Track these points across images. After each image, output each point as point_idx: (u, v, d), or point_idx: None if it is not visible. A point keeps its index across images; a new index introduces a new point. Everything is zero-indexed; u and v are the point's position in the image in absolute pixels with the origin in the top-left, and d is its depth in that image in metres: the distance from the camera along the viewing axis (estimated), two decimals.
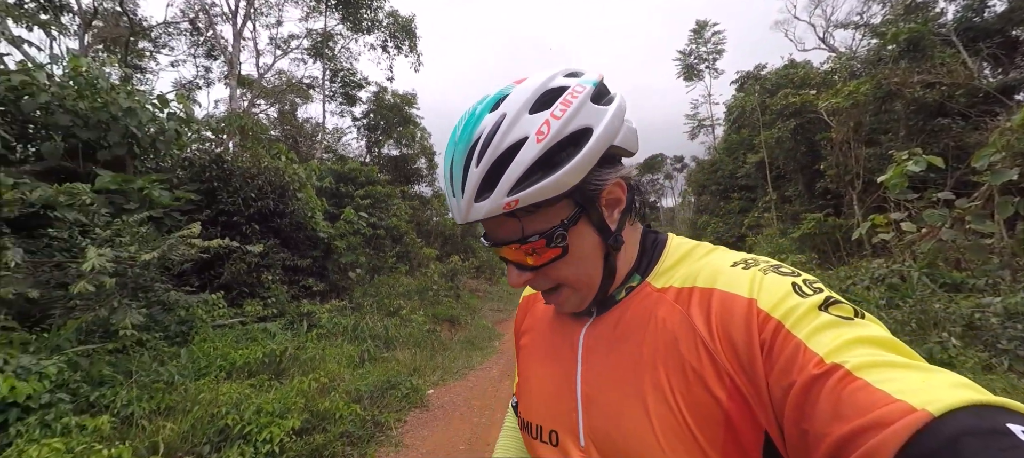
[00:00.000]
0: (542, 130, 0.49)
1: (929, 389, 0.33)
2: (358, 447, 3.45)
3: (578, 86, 0.52)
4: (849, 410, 0.35)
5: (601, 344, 0.57)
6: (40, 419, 2.49)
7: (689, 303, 0.51)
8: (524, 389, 0.67)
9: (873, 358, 0.37)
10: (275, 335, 5.09)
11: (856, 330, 0.40)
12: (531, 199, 0.49)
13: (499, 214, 0.50)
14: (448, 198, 0.54)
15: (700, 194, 24.26)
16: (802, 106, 13.82)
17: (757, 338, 0.43)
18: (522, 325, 0.74)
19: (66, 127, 5.40)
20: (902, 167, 5.51)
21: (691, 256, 0.58)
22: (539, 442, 0.60)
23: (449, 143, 0.54)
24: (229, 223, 6.51)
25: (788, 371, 0.40)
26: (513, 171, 0.48)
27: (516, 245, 0.53)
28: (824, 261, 11.21)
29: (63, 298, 3.79)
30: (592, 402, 0.55)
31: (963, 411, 0.31)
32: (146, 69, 16.71)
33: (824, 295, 0.44)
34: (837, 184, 12.28)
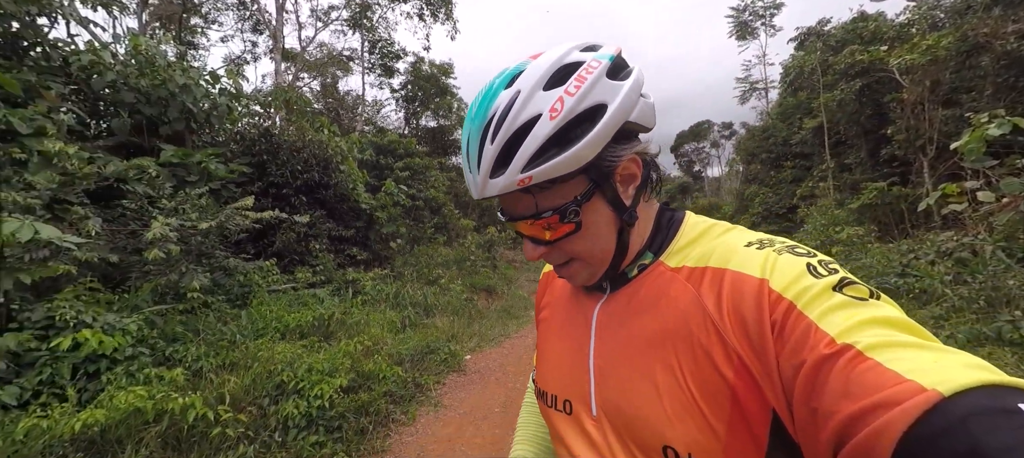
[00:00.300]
0: (556, 107, 0.49)
1: (941, 369, 0.33)
2: (400, 405, 3.67)
3: (594, 61, 0.52)
4: (858, 389, 0.34)
5: (614, 320, 0.59)
6: (125, 369, 2.82)
7: (701, 283, 0.52)
8: (541, 360, 0.70)
9: (885, 338, 0.37)
10: (323, 300, 5.41)
11: (870, 311, 0.40)
12: (545, 175, 0.49)
13: (514, 190, 0.51)
14: (465, 173, 0.55)
15: (749, 163, 22.92)
16: (870, 64, 12.56)
17: (768, 318, 0.44)
18: (542, 300, 0.77)
19: (131, 104, 5.82)
20: (981, 131, 4.94)
21: (707, 235, 0.57)
22: (554, 410, 0.63)
23: (466, 119, 0.55)
24: (278, 195, 6.88)
25: (799, 350, 0.40)
26: (527, 148, 0.49)
27: (531, 220, 0.54)
28: (884, 234, 10.44)
29: (139, 263, 4.18)
30: (604, 375, 0.57)
31: (975, 391, 0.31)
32: (198, 45, 17.51)
33: (839, 276, 0.44)
34: (906, 150, 11.23)
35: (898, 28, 14.46)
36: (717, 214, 27.81)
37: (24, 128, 4.16)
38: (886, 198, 10.78)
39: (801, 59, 18.91)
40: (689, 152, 49.11)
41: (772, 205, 17.07)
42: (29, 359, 2.71)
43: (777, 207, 16.85)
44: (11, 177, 3.85)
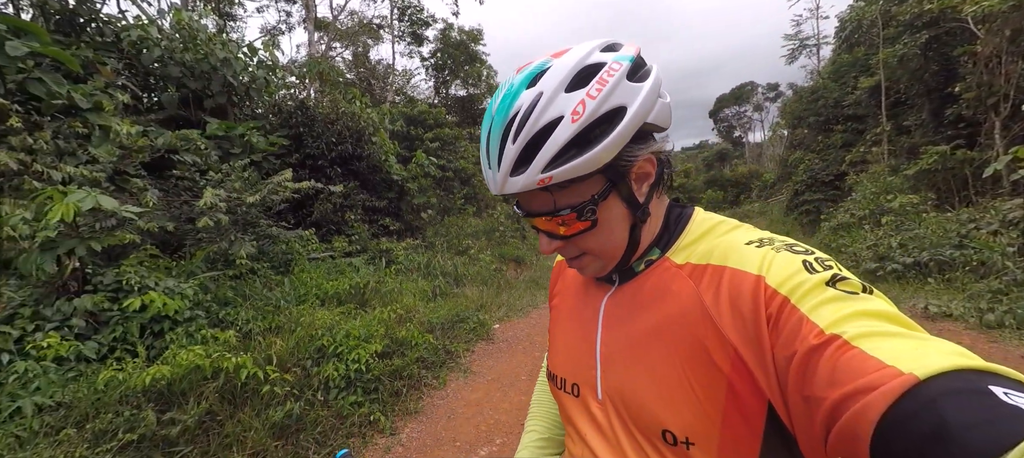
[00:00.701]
0: (578, 110, 0.50)
1: (919, 355, 0.35)
2: (432, 371, 3.87)
3: (615, 63, 0.53)
4: (843, 376, 0.36)
5: (620, 312, 0.62)
6: (185, 330, 3.11)
7: (701, 279, 0.54)
8: (552, 345, 0.74)
9: (871, 329, 0.39)
10: (359, 269, 5.66)
11: (859, 304, 0.42)
12: (564, 176, 0.51)
13: (532, 189, 0.53)
14: (484, 169, 0.58)
15: (795, 127, 21.52)
16: (940, 13, 11.28)
17: (764, 312, 0.46)
18: (554, 287, 0.81)
19: (177, 78, 6.10)
20: None
21: (713, 233, 0.60)
22: (563, 392, 0.68)
23: (487, 114, 0.57)
24: (315, 166, 7.12)
25: (791, 342, 0.42)
26: (548, 150, 0.51)
27: (548, 217, 0.56)
28: (942, 202, 9.70)
29: (192, 231, 4.50)
30: (609, 362, 0.61)
31: (948, 375, 0.32)
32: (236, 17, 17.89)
33: (832, 272, 0.46)
34: (975, 109, 10.21)
35: None
36: (757, 182, 26.62)
37: (84, 103, 4.47)
38: (948, 163, 9.94)
39: (860, 11, 17.24)
40: (729, 117, 46.59)
41: (818, 172, 16.08)
42: (104, 318, 3.03)
43: (823, 174, 15.87)
44: (75, 150, 4.19)
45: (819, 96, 19.25)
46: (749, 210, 22.16)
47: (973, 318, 4.79)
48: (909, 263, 6.96)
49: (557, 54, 0.55)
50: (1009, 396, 0.30)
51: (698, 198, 26.24)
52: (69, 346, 2.68)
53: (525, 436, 0.86)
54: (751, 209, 22.19)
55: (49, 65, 4.58)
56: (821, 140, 18.03)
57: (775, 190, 22.89)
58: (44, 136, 3.89)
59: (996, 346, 4.11)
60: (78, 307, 2.94)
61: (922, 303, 5.51)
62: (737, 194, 28.03)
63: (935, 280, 6.36)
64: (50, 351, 2.58)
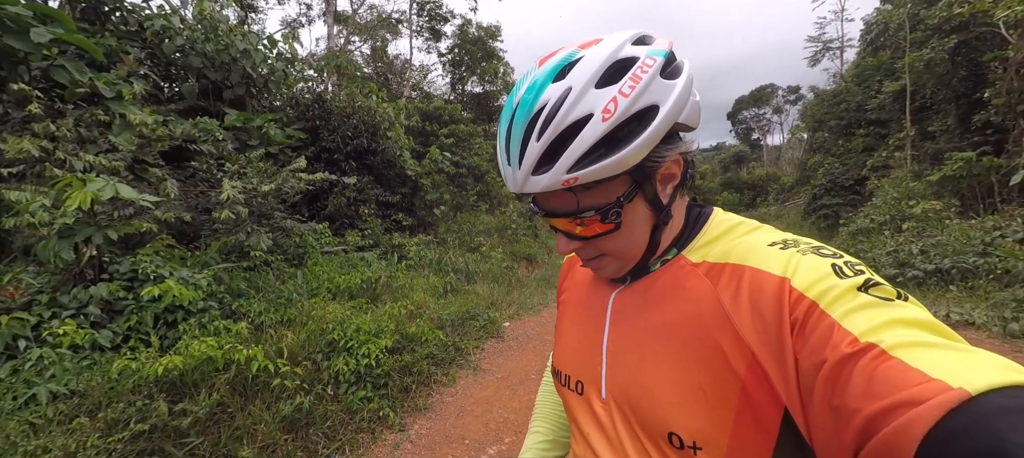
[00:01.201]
0: (609, 108, 0.47)
1: (967, 369, 0.33)
2: (441, 367, 3.85)
3: (648, 58, 0.49)
4: (882, 388, 0.34)
5: (629, 309, 0.60)
6: (198, 321, 3.13)
7: (719, 278, 0.52)
8: (558, 341, 0.73)
9: (910, 338, 0.36)
10: (371, 264, 5.67)
11: (895, 311, 0.39)
12: (591, 177, 0.49)
13: (555, 189, 0.50)
14: (502, 165, 0.54)
15: (815, 130, 21.08)
16: (971, 17, 10.93)
17: (788, 317, 0.43)
18: (562, 284, 0.79)
19: (198, 69, 6.17)
20: None
21: (732, 232, 0.57)
22: (567, 389, 0.66)
23: (506, 108, 0.53)
24: (330, 160, 7.16)
25: (820, 349, 0.40)
26: (575, 149, 0.48)
27: (569, 219, 0.54)
28: (967, 209, 9.43)
29: (210, 222, 4.54)
30: (615, 360, 0.59)
31: (1003, 391, 0.30)
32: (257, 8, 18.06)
33: (865, 277, 0.43)
34: (1004, 116, 9.88)
35: None
36: (774, 185, 26.15)
37: (107, 92, 4.53)
38: (973, 169, 9.65)
39: (887, 14, 16.79)
40: (748, 119, 45.84)
41: (838, 176, 15.71)
42: (119, 307, 3.06)
43: (843, 179, 15.50)
44: (97, 138, 4.25)
45: (841, 99, 18.82)
46: (765, 213, 21.77)
47: (996, 327, 4.68)
48: (930, 270, 6.79)
49: (585, 45, 0.52)
50: None
51: (714, 200, 25.88)
52: (85, 334, 2.71)
53: (529, 437, 0.85)
54: (767, 212, 21.80)
55: (73, 53, 4.65)
56: (842, 144, 17.64)
57: (793, 194, 22.47)
58: (66, 124, 3.95)
59: (1021, 356, 4.00)
60: (94, 295, 2.97)
61: (944, 311, 5.37)
62: (753, 197, 27.58)
63: (957, 287, 6.21)
64: (66, 339, 2.61)
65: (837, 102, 19.03)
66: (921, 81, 13.15)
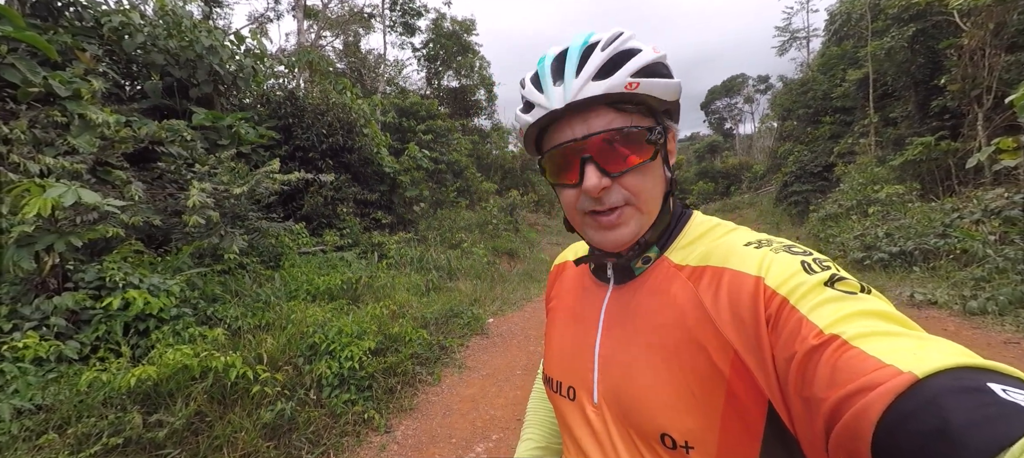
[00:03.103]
0: (655, 48, 0.57)
1: (918, 354, 0.35)
2: (426, 367, 3.83)
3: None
4: (843, 376, 0.36)
5: (620, 313, 0.61)
6: (172, 328, 3.02)
7: (700, 280, 0.54)
8: (549, 347, 0.73)
9: (871, 328, 0.39)
10: (351, 264, 5.58)
11: (858, 304, 0.42)
12: (648, 89, 0.54)
13: (615, 92, 0.53)
14: (544, 90, 0.56)
15: (784, 119, 21.73)
16: (927, 7, 11.41)
17: (763, 313, 0.46)
18: (552, 291, 0.79)
19: (161, 66, 5.90)
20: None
21: (711, 234, 0.60)
22: (558, 396, 0.66)
23: (548, 56, 0.59)
24: (305, 158, 6.99)
25: (791, 342, 0.42)
26: (637, 61, 0.54)
27: (615, 133, 0.54)
28: (927, 192, 9.89)
29: (179, 224, 4.37)
30: (607, 364, 0.60)
31: (948, 372, 0.32)
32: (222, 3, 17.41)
33: (830, 272, 0.46)
34: (959, 101, 10.39)
35: None
36: (747, 173, 26.84)
37: (63, 91, 4.30)
38: (932, 154, 10.13)
39: (849, 4, 17.38)
40: (720, 109, 46.87)
41: (807, 163, 16.25)
42: (86, 317, 2.93)
43: (812, 165, 16.04)
44: (54, 140, 4.03)
45: (808, 88, 19.43)
46: (739, 201, 22.35)
47: (957, 305, 4.90)
48: (895, 252, 7.09)
49: None
50: (1007, 393, 0.30)
51: (690, 190, 26.36)
52: (49, 346, 2.58)
53: (521, 445, 0.85)
54: (741, 200, 22.39)
55: (25, 51, 4.39)
56: (810, 132, 18.22)
57: (765, 181, 23.11)
58: (20, 126, 3.74)
59: (979, 332, 4.20)
60: (58, 305, 2.83)
61: (908, 291, 5.61)
62: (727, 185, 28.24)
63: (920, 268, 6.50)
64: (29, 351, 2.48)
65: (804, 91, 19.64)
66: (883, 69, 13.67)
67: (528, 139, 0.61)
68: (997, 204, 6.41)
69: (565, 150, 0.56)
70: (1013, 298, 4.58)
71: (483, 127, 19.48)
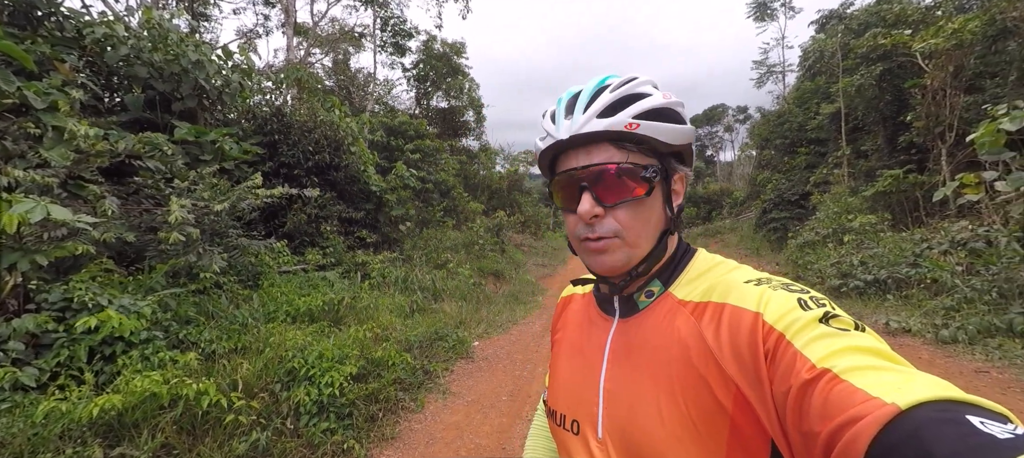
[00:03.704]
0: (666, 95, 0.61)
1: (902, 386, 0.37)
2: (410, 392, 3.72)
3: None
4: (834, 409, 0.38)
5: (625, 348, 0.62)
6: (141, 353, 2.87)
7: (703, 316, 0.56)
8: (553, 380, 0.73)
9: (860, 363, 0.40)
10: (333, 284, 5.44)
11: (850, 340, 0.43)
12: (647, 132, 0.57)
13: (615, 131, 0.57)
14: (556, 121, 0.61)
15: (762, 148, 22.48)
16: (893, 48, 12.10)
17: (762, 348, 0.47)
18: (557, 323, 0.80)
19: (144, 79, 5.78)
20: (995, 124, 4.78)
21: (713, 272, 0.62)
22: (562, 429, 0.66)
23: (568, 92, 0.63)
24: (290, 175, 6.87)
25: (787, 377, 0.43)
26: (641, 104, 0.58)
27: (611, 168, 0.58)
28: (898, 223, 10.27)
29: (154, 241, 4.21)
30: (612, 398, 0.60)
31: (928, 405, 0.34)
32: (210, 17, 17.30)
33: (825, 310, 0.48)
34: (924, 137, 10.93)
35: (923, 11, 13.87)
36: (728, 199, 27.49)
37: (39, 103, 4.16)
38: (901, 186, 10.57)
39: (821, 42, 18.30)
40: (702, 136, 48.29)
41: (784, 191, 16.77)
42: (47, 340, 2.77)
43: (789, 194, 16.56)
44: (26, 153, 3.87)
45: (785, 120, 20.18)
46: (721, 226, 22.82)
47: (929, 334, 5.01)
48: (870, 280, 7.28)
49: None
50: (985, 425, 0.32)
51: None
52: (3, 373, 2.41)
53: None
54: (722, 225, 22.87)
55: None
56: (787, 161, 18.85)
57: (745, 207, 23.71)
58: None
59: (952, 361, 4.30)
60: (17, 328, 2.67)
61: (883, 319, 5.74)
62: (709, 211, 28.86)
63: (893, 296, 6.67)
64: None
65: (781, 122, 20.39)
66: (853, 104, 14.32)
67: (542, 164, 0.66)
68: (963, 236, 6.68)
69: (568, 177, 0.61)
70: (981, 327, 4.72)
71: (471, 148, 19.61)
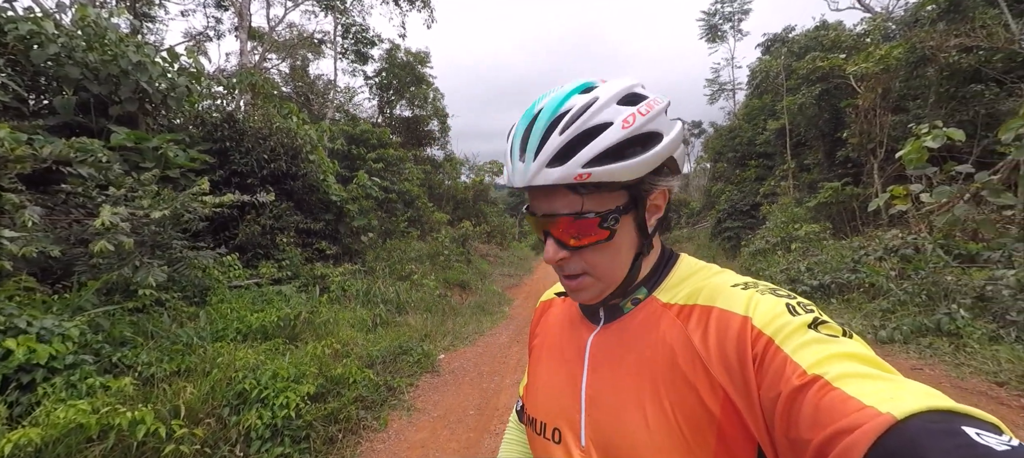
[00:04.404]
0: (628, 120, 0.53)
1: (896, 396, 0.36)
2: (372, 411, 3.56)
3: (656, 98, 0.57)
4: (826, 417, 0.37)
5: (607, 352, 0.61)
6: (65, 380, 2.57)
7: (689, 319, 0.55)
8: (532, 387, 0.70)
9: (851, 370, 0.40)
10: (289, 298, 5.17)
11: (840, 347, 0.43)
12: (601, 177, 0.52)
13: (566, 183, 0.52)
14: (511, 163, 0.56)
15: (716, 161, 23.64)
16: (830, 71, 13.16)
17: (750, 353, 0.46)
18: (536, 328, 0.78)
19: (77, 80, 5.33)
20: (919, 142, 5.27)
21: (698, 275, 0.61)
22: (542, 438, 0.64)
23: (527, 113, 0.57)
24: (242, 184, 6.51)
25: (776, 383, 0.43)
26: (593, 148, 0.52)
27: (570, 219, 0.55)
28: (838, 231, 11.03)
29: (84, 255, 3.84)
30: (595, 405, 0.58)
31: (924, 415, 0.34)
32: (155, 18, 16.30)
33: (814, 315, 0.47)
34: (858, 153, 11.88)
35: (855, 38, 15.17)
36: (685, 210, 28.64)
37: None
38: (840, 197, 11.39)
39: (767, 63, 19.60)
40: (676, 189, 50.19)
41: (737, 202, 17.67)
42: None
43: (741, 204, 17.46)
44: None
45: (736, 135, 21.36)
46: (679, 235, 23.69)
47: (870, 335, 5.35)
48: (816, 285, 7.74)
49: (603, 80, 0.59)
50: (982, 437, 0.32)
51: None
52: None
53: None
54: (681, 235, 23.74)
55: None
56: (738, 174, 19.91)
57: (701, 217, 24.80)
58: None
59: (890, 360, 4.61)
60: None
61: None
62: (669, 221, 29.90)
63: (837, 300, 7.11)
64: None
65: (732, 137, 21.57)
66: (796, 121, 15.36)
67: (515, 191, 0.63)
68: (895, 243, 7.24)
69: (533, 218, 0.59)
70: (914, 328, 5.11)
71: (436, 157, 19.43)
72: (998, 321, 4.55)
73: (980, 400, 3.42)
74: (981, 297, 4.97)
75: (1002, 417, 3.09)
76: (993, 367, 3.85)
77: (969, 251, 6.03)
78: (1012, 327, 4.34)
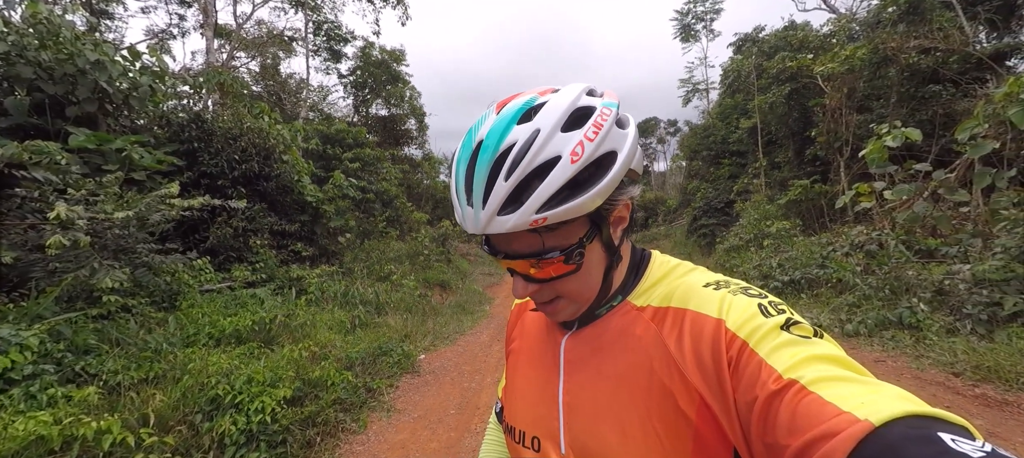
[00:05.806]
0: (577, 151, 0.49)
1: (873, 402, 0.36)
2: (351, 413, 3.51)
3: (605, 109, 0.52)
4: (803, 422, 0.37)
5: (582, 357, 0.60)
6: (24, 391, 2.46)
7: (664, 323, 0.54)
8: (510, 395, 0.69)
9: (826, 374, 0.40)
10: (264, 301, 5.05)
11: (813, 348, 0.43)
12: (559, 218, 0.49)
13: (523, 228, 0.49)
14: (460, 205, 0.52)
15: (691, 159, 24.16)
16: (798, 70, 13.59)
17: (725, 356, 0.46)
18: (512, 332, 0.77)
19: (30, 80, 5.07)
20: (880, 142, 5.51)
21: (671, 275, 0.60)
22: (522, 447, 0.63)
23: (464, 148, 0.53)
24: (212, 186, 6.32)
25: (751, 387, 0.43)
26: (545, 189, 0.48)
27: (533, 260, 0.53)
28: (808, 227, 11.39)
29: (42, 261, 3.66)
30: (573, 412, 0.58)
31: (901, 421, 0.34)
32: (114, 15, 15.63)
33: (786, 316, 0.47)
34: (826, 151, 12.31)
35: (822, 38, 15.73)
36: (662, 207, 29.19)
37: None
38: (809, 195, 11.77)
39: (738, 63, 20.11)
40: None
41: (712, 200, 18.09)
42: None
43: (716, 202, 17.89)
44: None
45: (710, 133, 21.86)
46: (656, 233, 24.13)
47: (837, 329, 5.54)
48: (787, 281, 7.98)
49: (544, 92, 0.54)
50: (956, 443, 0.32)
51: None
52: None
53: None
54: (658, 232, 24.19)
55: None
56: (713, 172, 20.38)
57: (677, 215, 25.28)
58: None
59: (855, 352, 4.78)
60: None
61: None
62: (646, 218, 30.46)
63: (806, 295, 7.34)
64: None
65: (707, 135, 22.07)
66: (767, 120, 15.83)
67: None
68: (860, 239, 7.54)
69: (494, 258, 0.57)
70: (878, 321, 5.33)
71: (414, 157, 19.25)
72: (954, 314, 4.73)
73: (938, 390, 3.57)
74: (940, 291, 5.15)
75: (958, 407, 3.26)
76: (950, 358, 4.02)
77: (928, 247, 6.30)
78: (967, 320, 4.52)
